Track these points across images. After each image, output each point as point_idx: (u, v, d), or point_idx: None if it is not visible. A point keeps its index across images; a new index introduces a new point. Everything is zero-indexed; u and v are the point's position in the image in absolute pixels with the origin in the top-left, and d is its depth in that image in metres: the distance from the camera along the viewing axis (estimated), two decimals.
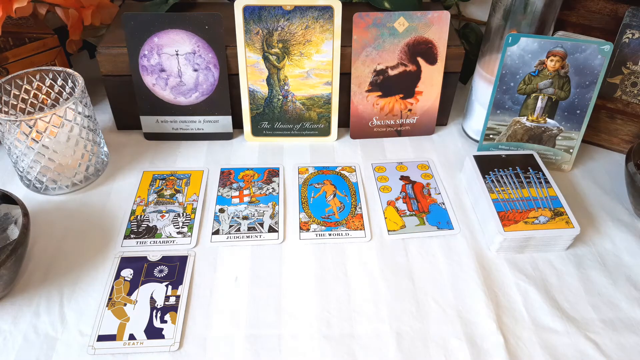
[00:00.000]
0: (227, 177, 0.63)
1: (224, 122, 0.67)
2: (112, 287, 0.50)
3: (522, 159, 0.61)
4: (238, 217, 0.57)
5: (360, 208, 0.59)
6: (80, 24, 0.70)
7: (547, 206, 0.55)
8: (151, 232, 0.55)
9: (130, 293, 0.49)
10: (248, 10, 0.59)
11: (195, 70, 0.63)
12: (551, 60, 0.57)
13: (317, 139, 0.69)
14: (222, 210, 0.58)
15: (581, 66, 0.57)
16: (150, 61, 0.62)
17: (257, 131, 0.68)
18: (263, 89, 0.64)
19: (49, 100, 0.60)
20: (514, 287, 0.51)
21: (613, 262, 0.54)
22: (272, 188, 0.61)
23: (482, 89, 0.65)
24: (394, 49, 0.63)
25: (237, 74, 0.63)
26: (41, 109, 0.60)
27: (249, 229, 0.56)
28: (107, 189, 0.61)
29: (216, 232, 0.56)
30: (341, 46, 0.62)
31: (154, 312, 0.48)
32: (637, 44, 0.60)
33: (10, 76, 0.57)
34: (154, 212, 0.58)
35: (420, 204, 0.60)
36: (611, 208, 0.60)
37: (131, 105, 0.66)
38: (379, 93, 0.66)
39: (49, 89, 0.60)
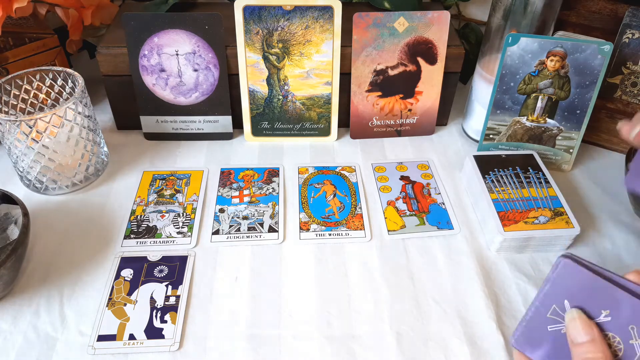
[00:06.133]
0: (227, 177, 0.63)
1: (224, 122, 0.67)
2: (112, 287, 0.50)
3: (522, 159, 0.61)
4: (238, 217, 0.57)
5: (360, 208, 0.59)
6: (80, 24, 0.70)
7: (547, 206, 0.55)
8: (151, 232, 0.55)
9: (130, 293, 0.49)
10: (248, 10, 0.59)
11: (195, 70, 0.63)
12: (551, 60, 0.57)
13: (317, 139, 0.69)
14: (222, 210, 0.58)
15: (581, 66, 0.57)
16: (150, 61, 0.62)
17: (257, 131, 0.68)
18: (263, 89, 0.64)
19: (49, 100, 0.60)
20: (514, 287, 0.51)
21: (613, 262, 0.54)
22: (272, 188, 0.61)
23: (482, 89, 0.65)
24: (394, 49, 0.63)
25: (237, 74, 0.63)
26: (41, 109, 0.60)
27: (249, 229, 0.56)
28: (107, 189, 0.61)
29: (216, 232, 0.56)
30: (341, 46, 0.62)
31: (154, 312, 0.48)
32: (637, 44, 0.60)
33: (10, 76, 0.57)
34: (154, 212, 0.58)
35: (420, 204, 0.60)
36: (611, 208, 0.60)
37: (131, 105, 0.66)
38: (379, 93, 0.66)
39: (49, 89, 0.60)
